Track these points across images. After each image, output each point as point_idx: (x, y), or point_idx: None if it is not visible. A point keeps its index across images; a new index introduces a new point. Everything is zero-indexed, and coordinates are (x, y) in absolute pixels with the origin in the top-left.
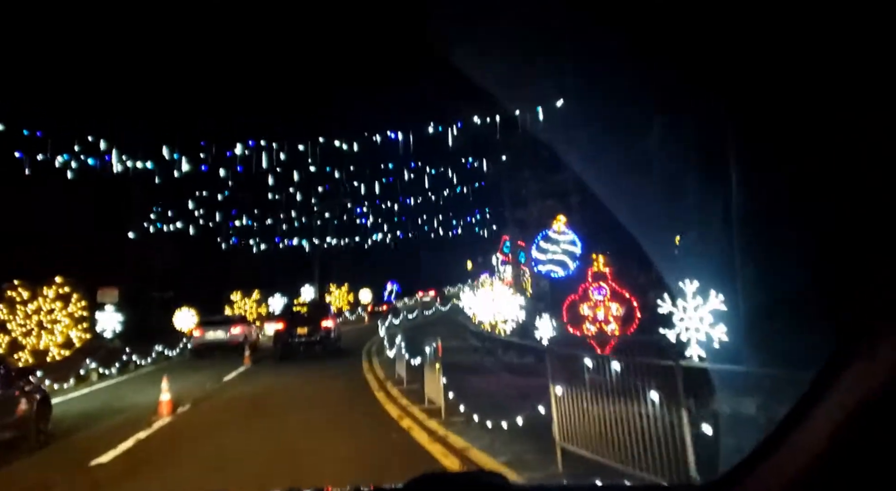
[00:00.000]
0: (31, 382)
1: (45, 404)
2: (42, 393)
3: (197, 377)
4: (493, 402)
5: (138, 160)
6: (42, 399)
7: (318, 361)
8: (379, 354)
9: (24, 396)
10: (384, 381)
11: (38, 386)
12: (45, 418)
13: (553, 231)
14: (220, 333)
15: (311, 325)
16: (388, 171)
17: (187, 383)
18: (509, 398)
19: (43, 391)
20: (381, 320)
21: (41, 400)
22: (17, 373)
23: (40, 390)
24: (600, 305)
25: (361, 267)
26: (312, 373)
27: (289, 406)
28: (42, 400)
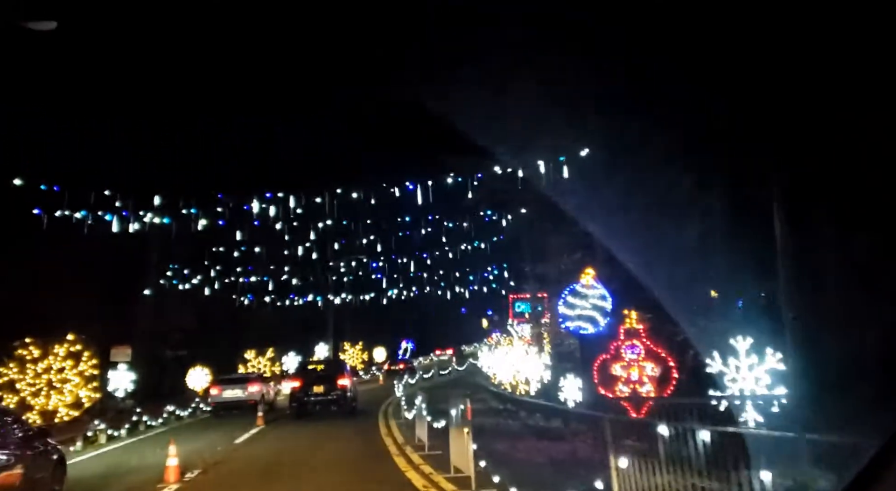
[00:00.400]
0: (49, 443)
1: (61, 465)
2: (58, 454)
3: (208, 439)
4: (529, 471)
5: (154, 216)
6: (58, 460)
7: (334, 422)
8: (396, 415)
9: (42, 457)
10: (403, 445)
11: (55, 447)
12: (60, 480)
13: (581, 285)
14: (237, 392)
15: (327, 383)
16: (403, 225)
17: (198, 445)
18: (544, 467)
19: (59, 452)
20: (397, 380)
21: (57, 461)
22: (34, 433)
23: (57, 451)
24: (634, 364)
25: (376, 325)
26: (328, 434)
27: (303, 472)
28: (58, 461)
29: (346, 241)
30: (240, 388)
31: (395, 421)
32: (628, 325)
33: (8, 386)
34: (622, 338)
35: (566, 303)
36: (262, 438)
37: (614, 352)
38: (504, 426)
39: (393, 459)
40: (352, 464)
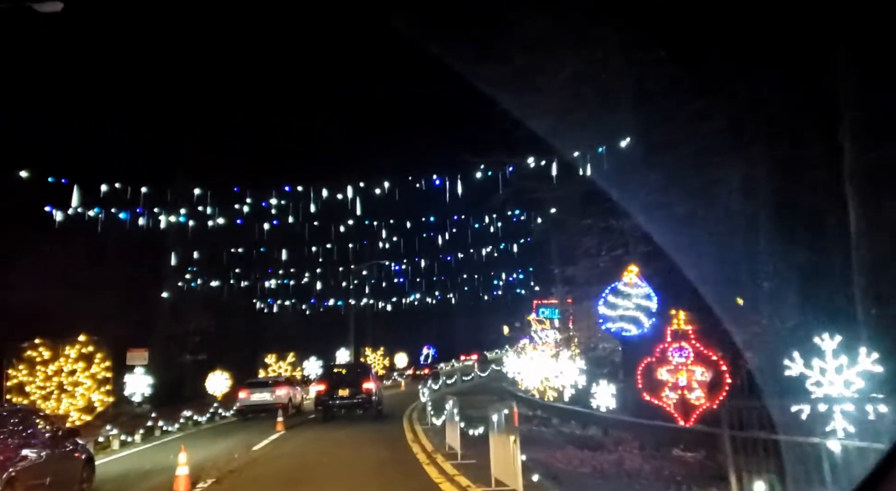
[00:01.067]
0: (77, 442)
1: (89, 465)
2: (87, 453)
3: (225, 445)
4: (584, 485)
5: (171, 213)
6: (87, 460)
7: (358, 427)
8: (422, 420)
9: (70, 457)
10: (433, 453)
11: (84, 446)
12: (89, 479)
13: (624, 283)
14: (265, 395)
15: (353, 387)
16: (427, 227)
17: (213, 452)
18: (593, 478)
19: (88, 452)
20: (421, 385)
21: (86, 460)
22: (64, 433)
23: (85, 451)
24: (682, 368)
25: (398, 330)
26: (352, 440)
27: (327, 483)
28: (87, 461)
29: (367, 242)
30: (268, 391)
31: (420, 426)
32: (676, 326)
33: (17, 389)
34: (669, 340)
35: (607, 303)
36: (282, 444)
37: (660, 355)
38: (537, 434)
39: (424, 469)
40: (379, 474)
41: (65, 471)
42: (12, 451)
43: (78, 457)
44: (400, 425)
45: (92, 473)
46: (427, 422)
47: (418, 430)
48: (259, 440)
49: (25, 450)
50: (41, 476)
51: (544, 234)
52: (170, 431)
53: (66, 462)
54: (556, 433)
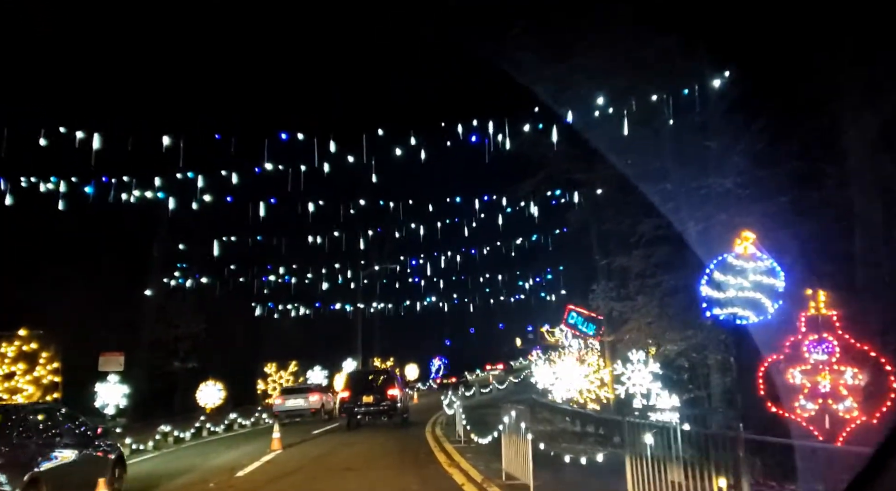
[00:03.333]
0: (107, 442)
1: (119, 464)
2: (117, 453)
3: (205, 468)
4: None
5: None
6: (117, 459)
7: (376, 444)
8: (449, 436)
9: (101, 456)
10: (486, 485)
11: (115, 446)
12: (120, 478)
13: (736, 255)
14: (299, 401)
15: (378, 394)
16: (441, 227)
17: (183, 480)
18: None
19: (118, 450)
20: (444, 395)
21: (116, 460)
22: (93, 433)
23: (115, 450)
24: (824, 369)
25: (407, 340)
26: (366, 464)
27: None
28: (117, 460)
29: (382, 231)
30: (301, 397)
31: (451, 444)
32: (813, 310)
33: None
34: (804, 330)
35: (712, 282)
36: (273, 469)
37: (791, 351)
38: (614, 462)
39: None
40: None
41: (93, 471)
42: (36, 450)
43: (108, 457)
44: (424, 440)
45: (123, 472)
46: (457, 437)
47: (450, 449)
48: (247, 463)
49: (51, 449)
50: (68, 476)
51: (582, 225)
52: (141, 450)
53: (95, 462)
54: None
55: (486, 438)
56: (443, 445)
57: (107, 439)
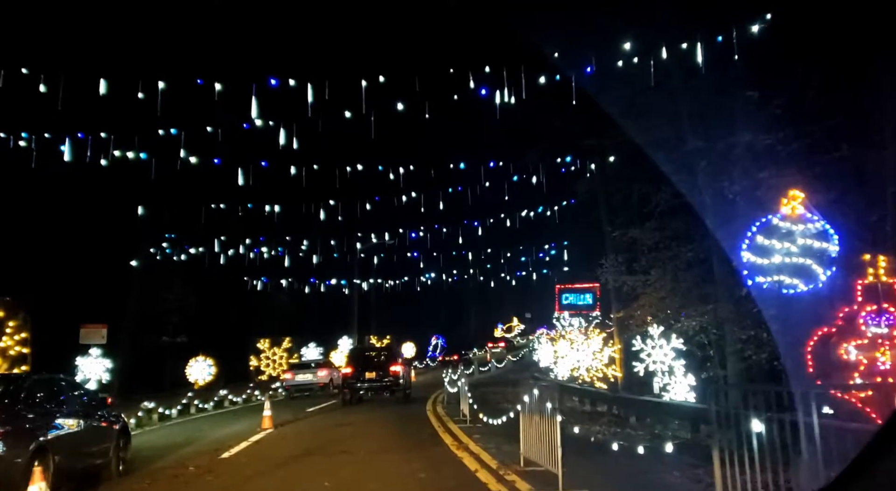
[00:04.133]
0: (112, 413)
1: (124, 434)
2: (121, 423)
3: (190, 448)
4: None
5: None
6: (121, 429)
7: (377, 423)
8: (453, 415)
9: (106, 426)
10: (503, 471)
11: (119, 416)
12: (125, 448)
13: (782, 217)
14: (308, 376)
15: (380, 370)
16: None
17: (161, 463)
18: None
19: (122, 421)
20: (444, 372)
21: (121, 430)
22: (97, 403)
23: (120, 420)
24: (884, 344)
25: (404, 318)
26: (364, 448)
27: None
28: (122, 430)
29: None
30: (311, 372)
31: (456, 424)
32: (872, 279)
33: None
34: (860, 300)
35: (754, 247)
36: (257, 450)
37: (845, 323)
38: (630, 443)
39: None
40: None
41: (99, 440)
42: (42, 419)
43: (113, 427)
44: (426, 420)
45: (127, 442)
46: (462, 417)
47: (455, 429)
48: (233, 443)
49: (57, 418)
50: (74, 445)
51: (590, 197)
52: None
53: (101, 432)
54: (650, 439)
55: (498, 419)
56: (447, 424)
57: (111, 410)
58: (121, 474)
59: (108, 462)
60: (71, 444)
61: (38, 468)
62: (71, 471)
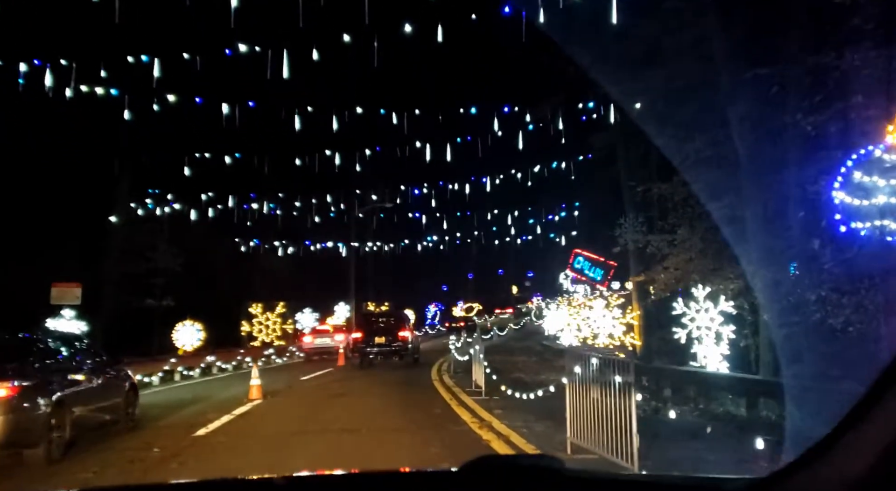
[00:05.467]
0: (121, 369)
1: (133, 391)
2: (130, 381)
3: (148, 429)
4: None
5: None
6: (131, 387)
7: (381, 394)
8: (461, 382)
9: (117, 384)
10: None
11: (127, 373)
12: (133, 404)
13: (886, 148)
14: (326, 340)
15: (389, 335)
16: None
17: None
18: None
19: (131, 378)
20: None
21: (130, 388)
22: (107, 361)
23: (129, 378)
24: None
25: (402, 285)
26: (367, 425)
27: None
28: (131, 388)
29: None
30: (328, 337)
31: (470, 397)
32: None
33: None
34: None
35: (849, 184)
36: (240, 426)
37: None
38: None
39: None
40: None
41: (111, 396)
42: (59, 375)
43: (122, 385)
44: (434, 391)
45: (136, 399)
46: (475, 388)
47: (470, 402)
48: (214, 417)
49: (73, 375)
50: (89, 401)
51: (608, 152)
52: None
53: (113, 388)
54: (710, 420)
55: (523, 392)
56: (459, 396)
57: (120, 368)
58: (131, 430)
59: (119, 418)
60: (86, 399)
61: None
62: (86, 425)
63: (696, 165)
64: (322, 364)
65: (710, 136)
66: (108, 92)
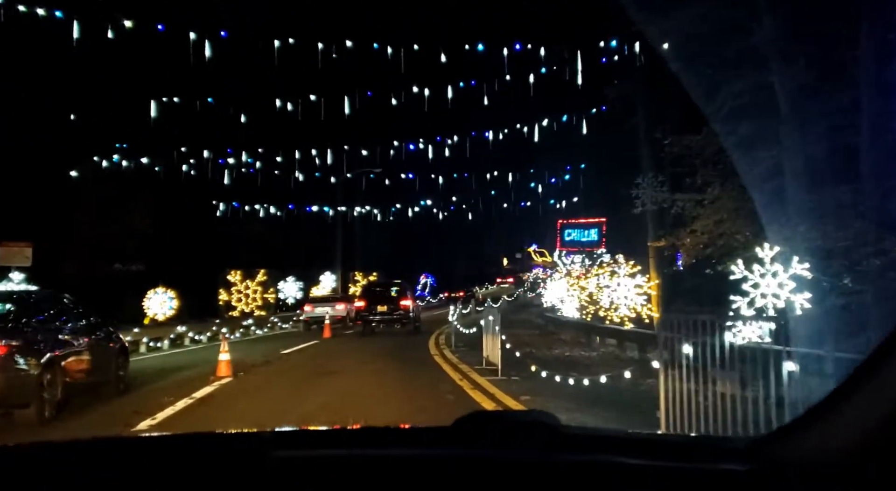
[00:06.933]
0: (111, 330)
1: (123, 354)
2: (120, 343)
3: (86, 418)
4: None
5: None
6: (121, 348)
7: (372, 369)
8: (464, 355)
9: (107, 345)
10: None
11: (118, 336)
12: (124, 367)
13: None
14: (326, 309)
15: (391, 303)
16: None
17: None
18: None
19: (121, 340)
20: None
21: (120, 349)
22: (96, 322)
23: (119, 340)
24: None
25: (391, 256)
26: (364, 414)
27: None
28: (121, 349)
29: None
30: (328, 305)
31: (483, 377)
32: None
33: None
34: None
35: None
36: (196, 417)
37: None
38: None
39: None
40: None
41: (101, 358)
42: (51, 335)
43: (112, 346)
44: (437, 367)
45: (126, 361)
46: (485, 365)
47: (483, 382)
48: (167, 402)
49: (63, 334)
50: (79, 362)
51: (625, 104)
52: None
53: (102, 350)
54: None
55: (554, 373)
56: (469, 376)
57: (110, 329)
58: (121, 393)
59: (109, 379)
60: (77, 359)
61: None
62: (77, 385)
63: (737, 110)
64: (306, 336)
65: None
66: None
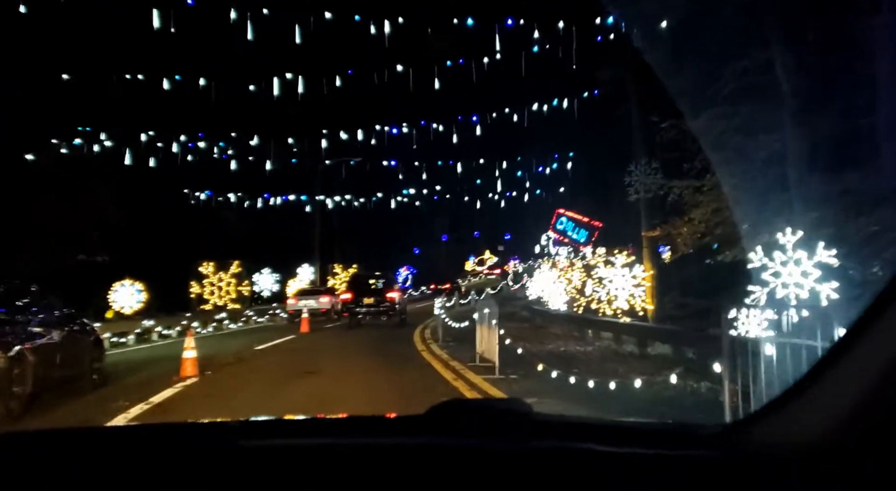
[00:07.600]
0: (86, 323)
1: (98, 346)
2: (95, 335)
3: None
4: None
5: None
6: (95, 341)
7: (359, 370)
8: (465, 361)
9: (81, 337)
10: None
11: (92, 327)
12: (99, 359)
13: None
14: (311, 302)
15: (378, 296)
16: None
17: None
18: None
19: (96, 333)
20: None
21: (94, 342)
22: (70, 314)
23: (93, 332)
24: None
25: (369, 247)
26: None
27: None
28: (95, 342)
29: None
30: (313, 299)
31: (478, 376)
32: None
33: None
34: None
35: None
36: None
37: None
38: None
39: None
40: None
41: (75, 349)
42: (20, 327)
43: (86, 338)
44: (429, 367)
45: (102, 353)
46: (480, 363)
47: (481, 383)
48: (123, 408)
49: (34, 327)
50: (51, 354)
51: (616, 87)
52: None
53: (76, 342)
54: None
55: (566, 371)
56: (464, 375)
57: (84, 321)
58: (96, 387)
59: (83, 372)
60: (48, 352)
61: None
62: (49, 379)
63: (739, 92)
64: (282, 331)
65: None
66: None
